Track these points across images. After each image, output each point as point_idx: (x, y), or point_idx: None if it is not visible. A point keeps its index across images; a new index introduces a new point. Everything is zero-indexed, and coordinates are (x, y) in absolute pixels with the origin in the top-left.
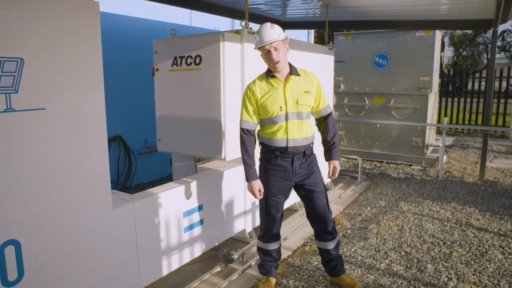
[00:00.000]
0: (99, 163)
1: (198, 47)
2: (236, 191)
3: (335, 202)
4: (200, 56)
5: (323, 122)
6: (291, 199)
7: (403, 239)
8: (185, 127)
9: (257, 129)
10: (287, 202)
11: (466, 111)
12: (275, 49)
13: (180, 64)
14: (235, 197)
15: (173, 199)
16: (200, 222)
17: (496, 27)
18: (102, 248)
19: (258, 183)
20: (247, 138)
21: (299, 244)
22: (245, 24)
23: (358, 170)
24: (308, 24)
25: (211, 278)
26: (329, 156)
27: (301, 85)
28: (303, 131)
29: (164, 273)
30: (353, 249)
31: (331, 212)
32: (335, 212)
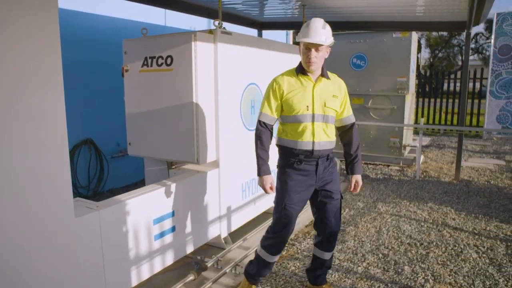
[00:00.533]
0: (58, 169)
1: (169, 47)
2: (211, 195)
3: None
4: (171, 57)
5: (346, 132)
6: (268, 202)
7: (380, 241)
8: (156, 130)
9: (275, 127)
10: (264, 205)
11: (442, 111)
12: (316, 49)
13: (151, 65)
14: (209, 201)
15: (142, 206)
16: (172, 229)
17: (469, 29)
18: (64, 260)
19: (270, 178)
20: (264, 131)
21: None
22: (218, 24)
23: None
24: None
25: (183, 287)
26: (351, 170)
27: (330, 88)
28: (328, 134)
29: (133, 283)
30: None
31: (340, 225)
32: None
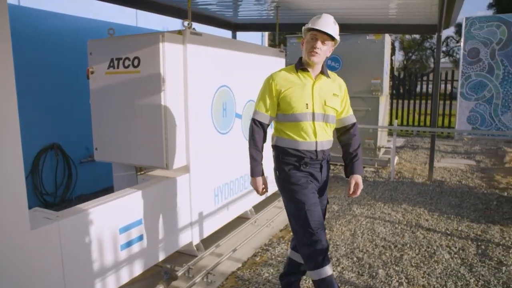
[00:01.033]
0: (11, 177)
1: (136, 48)
2: (181, 201)
3: None
4: (138, 58)
5: (346, 132)
6: (242, 206)
7: (355, 244)
8: (124, 135)
9: (270, 125)
10: (238, 210)
11: (416, 112)
12: (322, 42)
13: (117, 67)
14: (180, 208)
15: (107, 215)
16: (140, 238)
17: (440, 32)
18: (20, 276)
19: (263, 180)
20: (258, 131)
21: (249, 255)
22: (188, 24)
23: None
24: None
25: None
26: (351, 169)
27: (330, 87)
28: (329, 134)
29: None
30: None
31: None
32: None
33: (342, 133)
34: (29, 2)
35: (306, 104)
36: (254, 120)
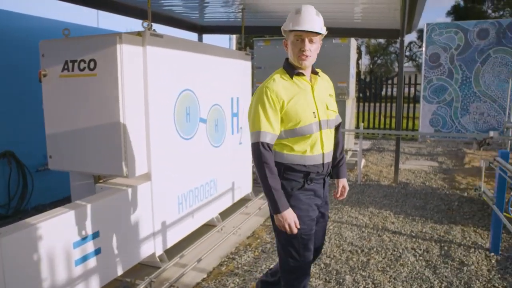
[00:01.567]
0: None
1: (92, 50)
2: (143, 211)
3: (256, 214)
4: (94, 61)
5: (336, 132)
6: (208, 214)
7: (322, 250)
8: (80, 141)
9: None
10: (203, 217)
11: (381, 115)
12: (310, 40)
13: (72, 69)
14: (141, 217)
15: (58, 229)
16: (97, 252)
17: (402, 36)
18: None
19: (292, 212)
20: (270, 156)
21: (215, 264)
22: (147, 25)
23: None
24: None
25: None
26: (337, 174)
27: (325, 87)
28: (332, 142)
29: None
30: (272, 265)
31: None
32: (255, 224)
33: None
34: None
35: (313, 113)
36: (261, 144)
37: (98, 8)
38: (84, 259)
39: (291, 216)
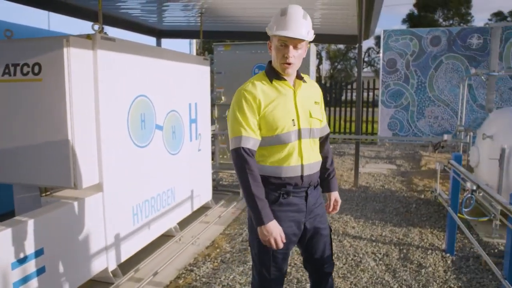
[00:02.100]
0: None
1: (37, 53)
2: (94, 224)
3: (215, 222)
4: (39, 65)
5: (323, 144)
6: (166, 224)
7: None
8: (24, 151)
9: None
10: (162, 227)
11: (342, 119)
12: (295, 46)
13: (14, 74)
14: (92, 231)
15: None
16: (41, 270)
17: (360, 42)
18: None
19: (277, 225)
20: (252, 162)
21: (172, 277)
22: (98, 28)
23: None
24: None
25: None
26: (328, 187)
27: (310, 94)
28: (316, 152)
29: None
30: (231, 276)
31: (333, 263)
32: (215, 233)
33: (320, 144)
34: None
35: (293, 120)
36: (242, 149)
37: (45, 8)
38: (25, 280)
39: (276, 230)
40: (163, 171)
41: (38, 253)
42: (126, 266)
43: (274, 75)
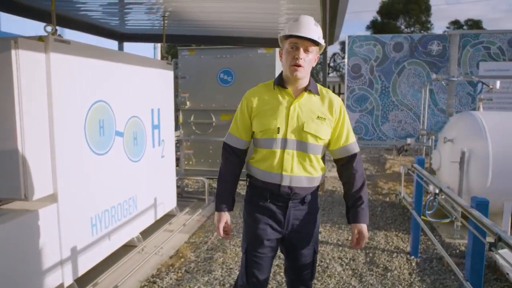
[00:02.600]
0: None
1: None
2: (47, 237)
3: (180, 231)
4: None
5: (345, 166)
6: (128, 234)
7: None
8: None
9: (249, 151)
10: (123, 237)
11: None
12: (306, 50)
13: None
14: (45, 245)
15: None
16: None
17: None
18: None
19: (224, 217)
20: (228, 157)
21: None
22: (51, 30)
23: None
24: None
25: None
26: (353, 217)
27: (315, 107)
28: (307, 168)
29: None
30: (195, 286)
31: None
32: (179, 242)
33: (341, 166)
34: None
35: (278, 128)
36: (224, 144)
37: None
38: None
39: (222, 220)
40: (124, 179)
41: None
42: (84, 280)
43: (278, 82)
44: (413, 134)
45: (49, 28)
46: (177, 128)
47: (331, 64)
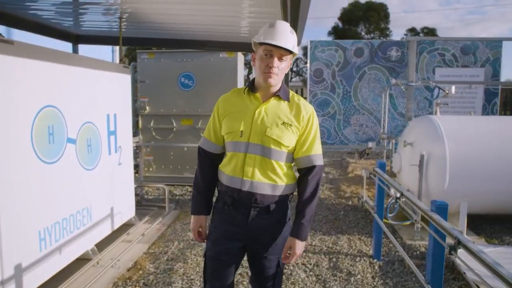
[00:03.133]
0: None
1: None
2: None
3: (139, 241)
4: None
5: (302, 177)
6: (81, 246)
7: None
8: None
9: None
10: (77, 251)
11: None
12: (280, 58)
13: None
14: None
15: None
16: None
17: None
18: None
19: (198, 220)
20: (202, 161)
21: None
22: None
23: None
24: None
25: None
26: (291, 230)
27: (281, 113)
28: (270, 174)
29: None
30: None
31: None
32: (138, 253)
33: (300, 176)
34: None
35: (241, 131)
36: (198, 148)
37: None
38: None
39: (196, 224)
40: (77, 188)
41: None
42: None
43: (248, 87)
44: (374, 138)
45: None
46: (136, 134)
47: (294, 69)
